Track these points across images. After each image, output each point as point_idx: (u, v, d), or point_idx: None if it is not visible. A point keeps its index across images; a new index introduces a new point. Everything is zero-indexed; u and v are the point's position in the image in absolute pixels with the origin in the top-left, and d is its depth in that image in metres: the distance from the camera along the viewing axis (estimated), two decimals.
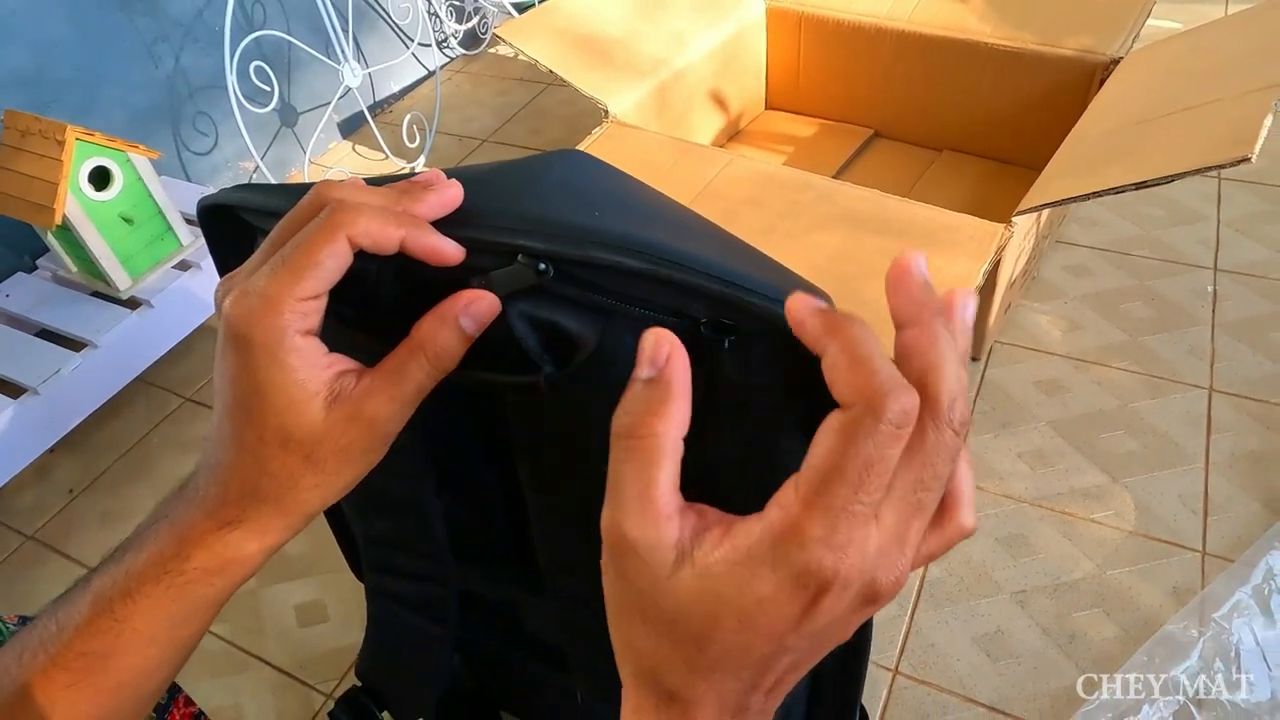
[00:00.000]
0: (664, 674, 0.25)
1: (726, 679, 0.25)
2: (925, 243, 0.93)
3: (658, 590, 0.24)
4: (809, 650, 0.25)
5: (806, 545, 0.22)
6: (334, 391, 0.29)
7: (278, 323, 0.27)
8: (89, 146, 1.06)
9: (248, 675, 0.94)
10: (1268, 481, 0.98)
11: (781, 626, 0.23)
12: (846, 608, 0.24)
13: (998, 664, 0.87)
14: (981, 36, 1.28)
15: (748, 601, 0.23)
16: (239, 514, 0.30)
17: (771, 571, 0.23)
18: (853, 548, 0.22)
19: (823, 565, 0.22)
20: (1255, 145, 0.78)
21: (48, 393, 1.07)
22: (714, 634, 0.24)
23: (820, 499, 0.22)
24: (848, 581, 0.23)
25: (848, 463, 0.22)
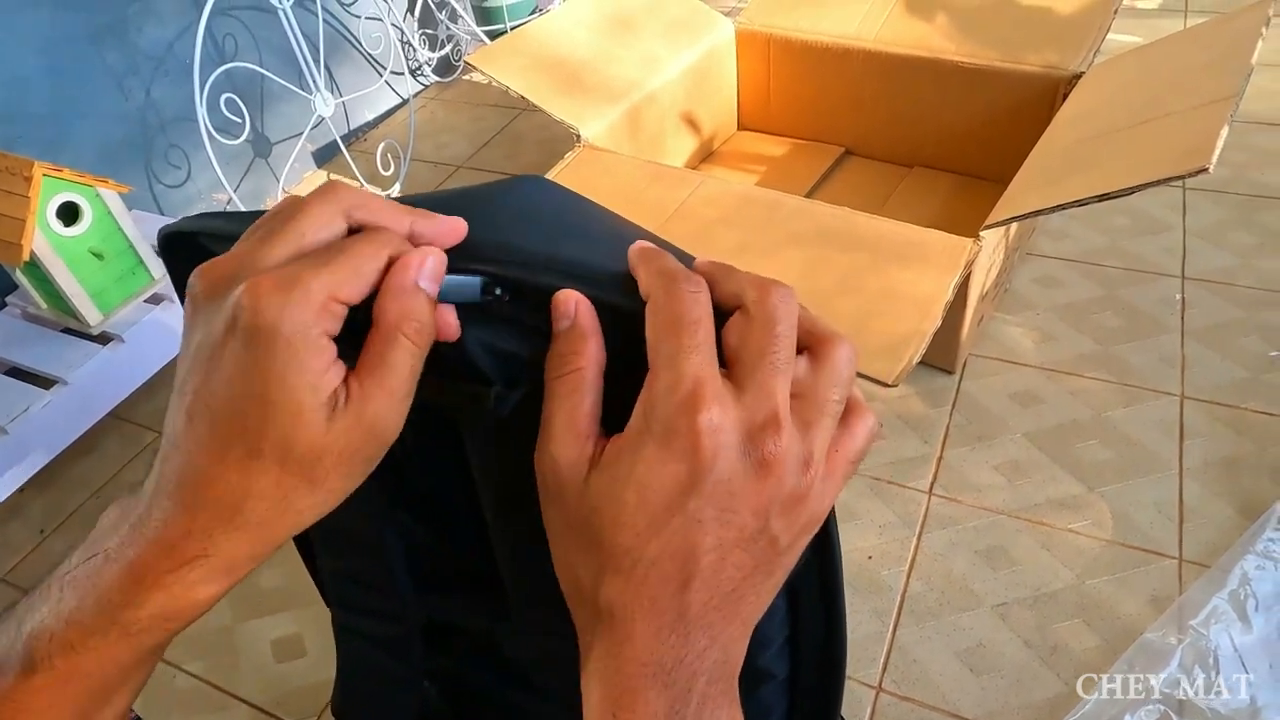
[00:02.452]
0: (595, 586, 0.26)
1: (652, 577, 0.25)
2: (896, 258, 0.94)
3: (579, 499, 0.26)
4: (735, 541, 0.25)
5: (658, 397, 0.25)
6: (336, 400, 0.26)
7: (311, 319, 0.24)
8: (57, 182, 1.05)
9: (224, 715, 0.93)
10: (1241, 486, 0.99)
11: (675, 490, 0.25)
12: (738, 466, 0.25)
13: (981, 678, 0.86)
14: (947, 55, 1.31)
15: (639, 473, 0.25)
16: (204, 548, 0.26)
17: (649, 437, 0.25)
18: (704, 389, 0.25)
19: (681, 410, 0.25)
20: (1212, 156, 0.79)
21: (17, 431, 1.05)
22: (622, 517, 0.25)
23: (657, 357, 0.26)
24: (715, 426, 0.24)
25: (661, 321, 0.26)
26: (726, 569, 0.25)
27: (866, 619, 0.92)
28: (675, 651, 0.25)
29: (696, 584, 0.25)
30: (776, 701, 0.40)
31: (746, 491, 0.25)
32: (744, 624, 0.27)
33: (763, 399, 0.25)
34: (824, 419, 0.26)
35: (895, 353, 0.83)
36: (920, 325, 0.85)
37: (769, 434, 0.25)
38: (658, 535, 0.25)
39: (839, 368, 0.27)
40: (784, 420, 0.25)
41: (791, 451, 0.25)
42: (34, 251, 1.04)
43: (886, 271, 0.92)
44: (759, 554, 0.26)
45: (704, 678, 0.26)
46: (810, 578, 0.35)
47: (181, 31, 1.47)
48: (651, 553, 0.25)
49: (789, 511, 0.26)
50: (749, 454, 0.25)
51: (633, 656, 0.25)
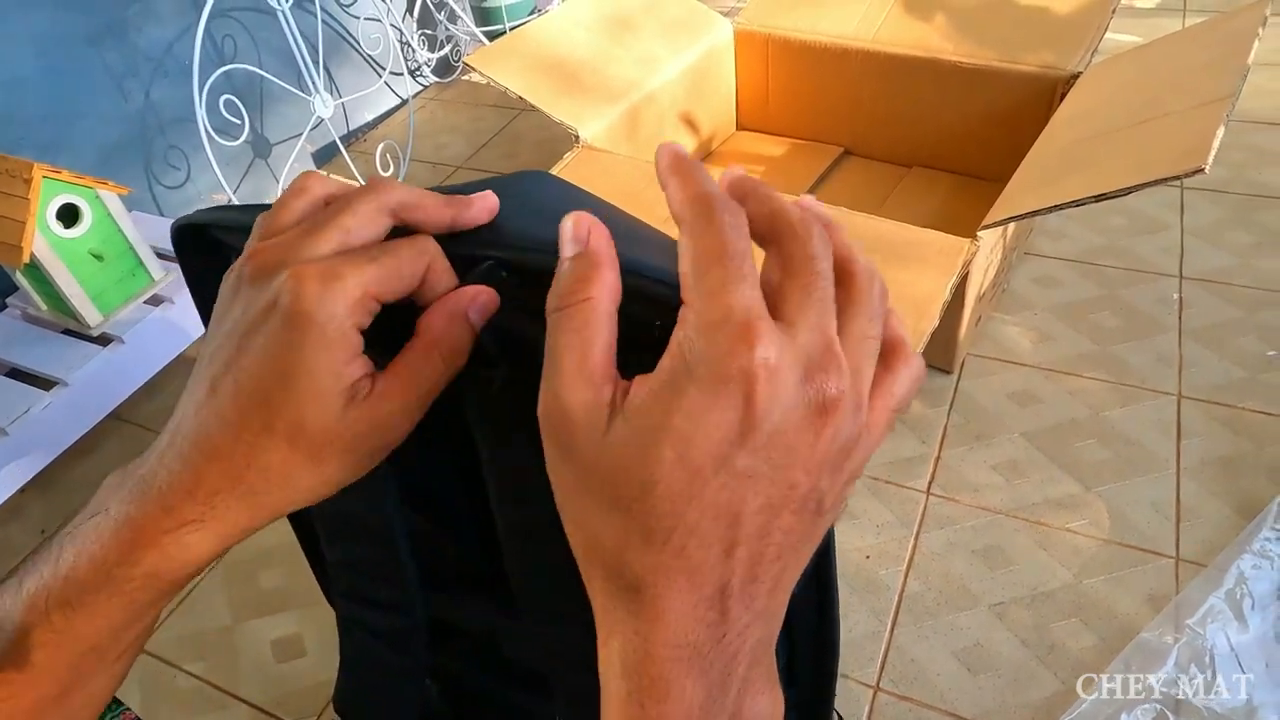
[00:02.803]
0: (620, 556, 0.23)
1: (691, 545, 0.22)
2: (894, 258, 0.94)
3: (598, 453, 0.23)
4: (784, 501, 0.22)
5: (700, 334, 0.22)
6: (355, 392, 0.27)
7: (345, 310, 0.26)
8: (56, 184, 1.06)
9: (224, 714, 0.93)
10: (1237, 486, 0.99)
11: (723, 443, 0.21)
12: (795, 414, 0.22)
13: (978, 677, 0.87)
14: (945, 54, 1.31)
15: (677, 423, 0.21)
16: (204, 512, 0.27)
17: (689, 381, 0.21)
18: (758, 324, 0.21)
19: (732, 348, 0.21)
20: (1209, 156, 0.80)
21: (17, 433, 1.05)
22: (657, 474, 0.22)
23: (697, 290, 0.22)
24: (773, 366, 0.21)
25: (702, 250, 0.22)
26: (773, 534, 0.22)
27: (864, 618, 0.93)
28: (714, 631, 0.22)
29: (741, 551, 0.22)
30: None
31: (803, 443, 0.22)
32: (784, 594, 0.24)
33: (816, 337, 0.22)
34: (867, 358, 0.24)
35: None
36: (918, 325, 0.86)
37: (831, 373, 0.22)
38: (700, 496, 0.22)
39: (874, 300, 0.24)
40: (841, 356, 0.22)
41: (849, 395, 0.22)
42: (34, 253, 1.04)
43: (884, 271, 0.91)
44: (806, 516, 0.23)
45: (745, 660, 0.23)
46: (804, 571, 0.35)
47: (181, 33, 1.47)
48: (692, 517, 0.22)
49: (838, 466, 0.23)
50: (808, 399, 0.22)
51: (664, 638, 0.22)
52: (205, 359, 0.28)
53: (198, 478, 0.27)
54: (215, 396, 0.27)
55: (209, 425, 0.27)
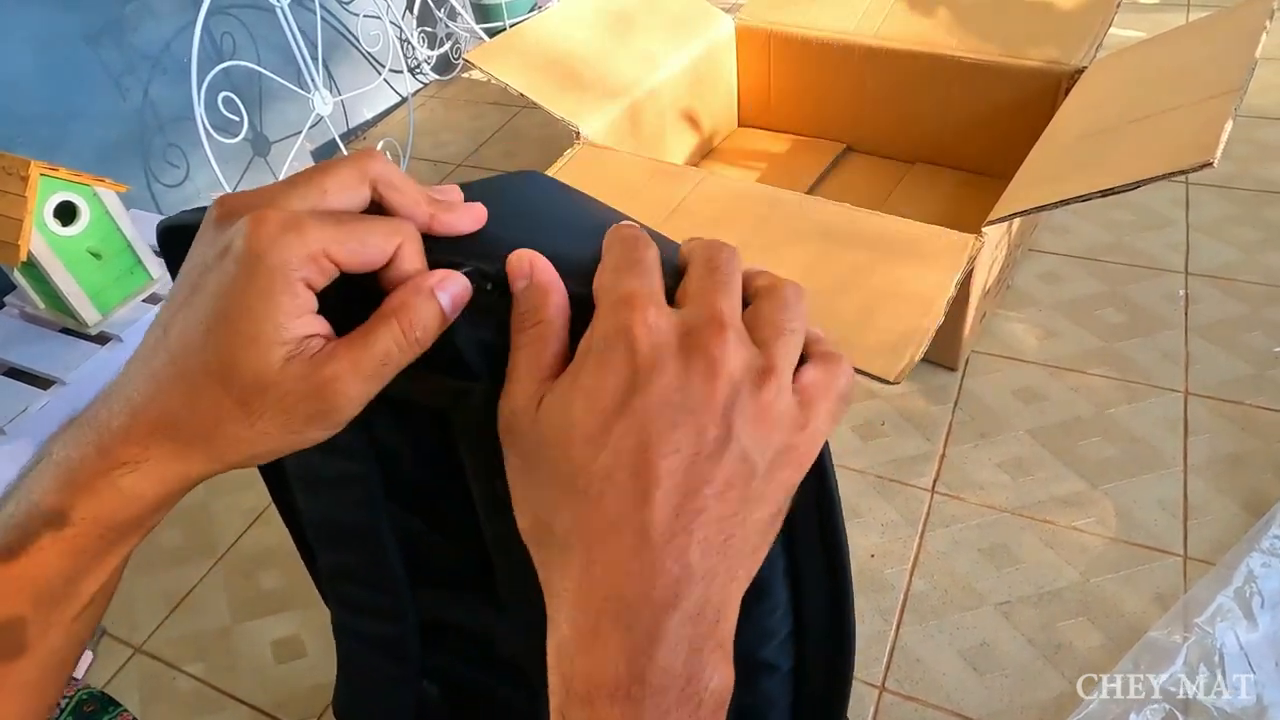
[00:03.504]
0: (553, 521, 0.25)
1: (608, 493, 0.24)
2: (897, 255, 0.94)
3: (531, 430, 0.26)
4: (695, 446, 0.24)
5: (599, 318, 0.26)
6: (300, 349, 0.26)
7: (296, 261, 0.26)
8: (54, 181, 1.05)
9: (223, 716, 0.92)
10: (1245, 483, 0.98)
11: (618, 390, 0.24)
12: (680, 364, 0.24)
13: (984, 677, 0.86)
14: (948, 50, 1.30)
15: (582, 382, 0.25)
16: (139, 453, 0.27)
17: (589, 353, 0.25)
18: (639, 297, 0.25)
19: (617, 317, 0.25)
20: (1216, 150, 0.79)
21: (15, 432, 1.05)
22: (571, 431, 0.25)
23: (600, 290, 0.26)
24: (651, 325, 0.24)
25: (608, 263, 0.27)
26: (691, 479, 0.23)
27: (869, 618, 0.92)
28: (638, 582, 0.23)
29: (658, 496, 0.23)
30: (780, 694, 0.39)
31: (696, 390, 0.24)
32: (730, 560, 0.24)
33: (703, 306, 0.25)
34: (781, 336, 0.26)
35: (897, 350, 0.82)
36: (922, 322, 0.85)
37: (711, 333, 0.24)
38: (607, 438, 0.24)
39: (784, 294, 0.27)
40: (728, 323, 0.25)
41: (739, 354, 0.25)
42: (31, 251, 1.03)
43: (888, 268, 0.92)
44: (730, 468, 0.24)
45: (677, 616, 0.23)
46: (815, 570, 0.34)
47: (179, 30, 1.46)
48: (604, 462, 0.24)
49: (757, 424, 0.24)
50: (690, 352, 0.24)
51: (590, 590, 0.24)
52: (164, 303, 0.28)
53: (135, 417, 0.27)
54: (163, 336, 0.27)
55: (151, 365, 0.27)
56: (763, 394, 0.25)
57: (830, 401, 0.26)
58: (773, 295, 0.27)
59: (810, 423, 0.26)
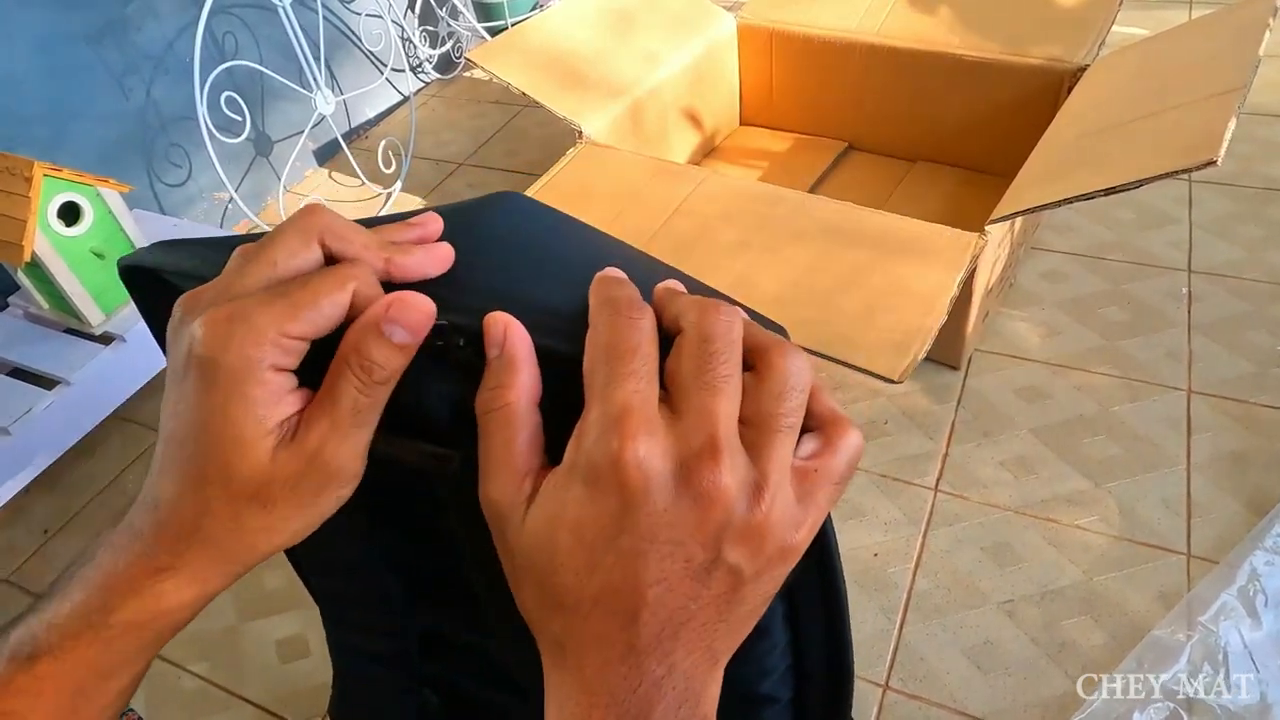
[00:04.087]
0: (548, 624, 0.26)
1: (596, 615, 0.24)
2: (900, 253, 0.94)
3: (518, 539, 0.25)
4: (683, 573, 0.24)
5: (587, 429, 0.24)
6: (285, 431, 0.27)
7: (255, 353, 0.25)
8: (57, 182, 1.05)
9: (228, 715, 0.93)
10: (1249, 481, 0.98)
11: (608, 527, 0.24)
12: (673, 499, 0.23)
13: (988, 675, 0.86)
14: (950, 48, 1.30)
15: (570, 512, 0.24)
16: (174, 560, 0.27)
17: (577, 474, 0.24)
18: (631, 418, 0.23)
19: (607, 443, 0.23)
20: (1220, 148, 0.79)
21: (20, 432, 1.05)
22: (559, 559, 0.24)
23: (590, 388, 0.25)
24: (641, 459, 0.23)
25: (597, 348, 0.25)
26: (677, 599, 0.24)
27: (873, 617, 0.92)
28: (627, 682, 0.24)
29: (645, 615, 0.24)
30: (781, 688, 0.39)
31: (687, 523, 0.24)
32: (710, 654, 0.25)
33: (698, 425, 0.24)
34: (776, 437, 0.25)
35: (900, 349, 0.82)
36: (925, 321, 0.85)
37: (704, 463, 0.23)
38: (595, 573, 0.24)
39: (785, 376, 0.25)
40: (723, 445, 0.24)
41: (734, 480, 0.24)
42: (35, 252, 1.03)
43: (890, 267, 0.92)
44: (718, 585, 0.24)
45: (661, 708, 0.24)
46: (814, 607, 0.34)
47: (181, 30, 1.46)
48: (592, 591, 0.24)
49: (748, 541, 0.24)
50: (685, 486, 0.23)
51: (584, 687, 0.25)
52: (163, 401, 0.29)
53: (160, 528, 0.27)
54: (164, 449, 0.28)
55: (159, 479, 0.28)
56: (755, 513, 0.24)
57: (831, 487, 0.26)
58: (769, 376, 0.25)
59: (808, 518, 0.25)
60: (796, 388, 0.25)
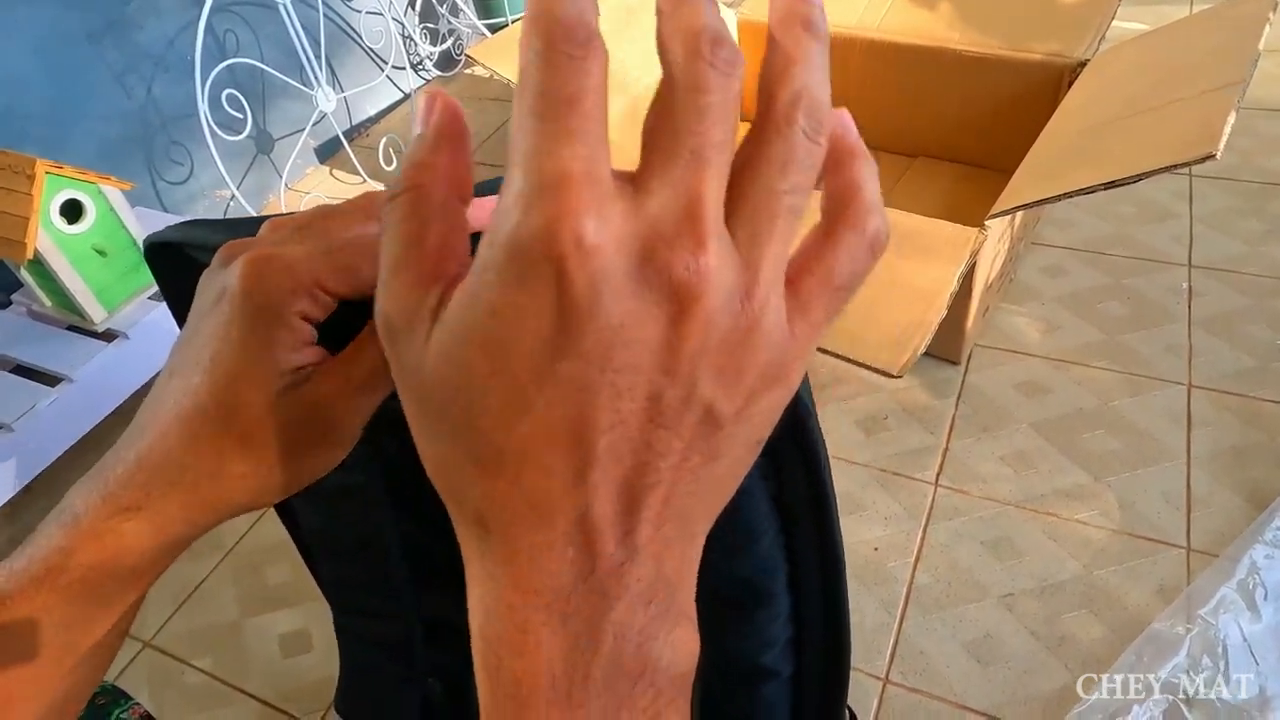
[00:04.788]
0: (465, 490, 0.19)
1: (528, 473, 0.18)
2: (900, 249, 0.94)
3: (420, 367, 0.19)
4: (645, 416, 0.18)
5: (507, 210, 0.17)
6: (296, 379, 0.26)
7: (288, 297, 0.25)
8: (59, 180, 1.05)
9: (232, 709, 0.93)
10: (1249, 475, 0.98)
11: (538, 347, 0.17)
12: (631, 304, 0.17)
13: (988, 669, 0.86)
14: (950, 43, 1.30)
15: (487, 322, 0.17)
16: (141, 497, 0.26)
17: (492, 267, 0.17)
18: (572, 189, 0.16)
19: (536, 223, 0.16)
20: (1220, 142, 0.79)
21: (23, 429, 1.05)
22: (473, 393, 0.18)
23: (514, 153, 0.17)
24: (590, 246, 0.16)
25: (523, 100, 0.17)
26: (639, 452, 0.18)
27: (873, 611, 0.92)
28: (575, 569, 0.18)
29: (596, 475, 0.18)
30: (781, 698, 0.40)
31: (651, 342, 0.17)
32: (684, 527, 0.19)
33: (672, 203, 0.17)
34: (773, 224, 0.18)
35: (900, 344, 0.82)
36: (925, 316, 0.85)
37: (681, 247, 0.17)
38: (525, 413, 0.17)
39: (791, 138, 0.18)
40: (708, 227, 0.17)
41: (722, 275, 0.17)
42: (38, 249, 1.04)
43: (890, 262, 0.92)
44: (689, 432, 0.18)
45: (622, 605, 0.18)
46: (812, 577, 0.34)
47: (182, 28, 1.46)
48: (520, 439, 0.18)
49: (727, 370, 0.18)
50: (648, 283, 0.17)
51: (516, 581, 0.18)
52: (171, 349, 0.28)
53: (137, 463, 0.27)
54: (169, 380, 0.27)
55: (157, 409, 0.27)
56: (740, 323, 0.18)
57: (830, 294, 0.19)
58: (769, 141, 0.18)
59: (799, 334, 0.19)
60: (805, 155, 0.18)
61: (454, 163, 0.20)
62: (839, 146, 0.20)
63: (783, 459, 0.32)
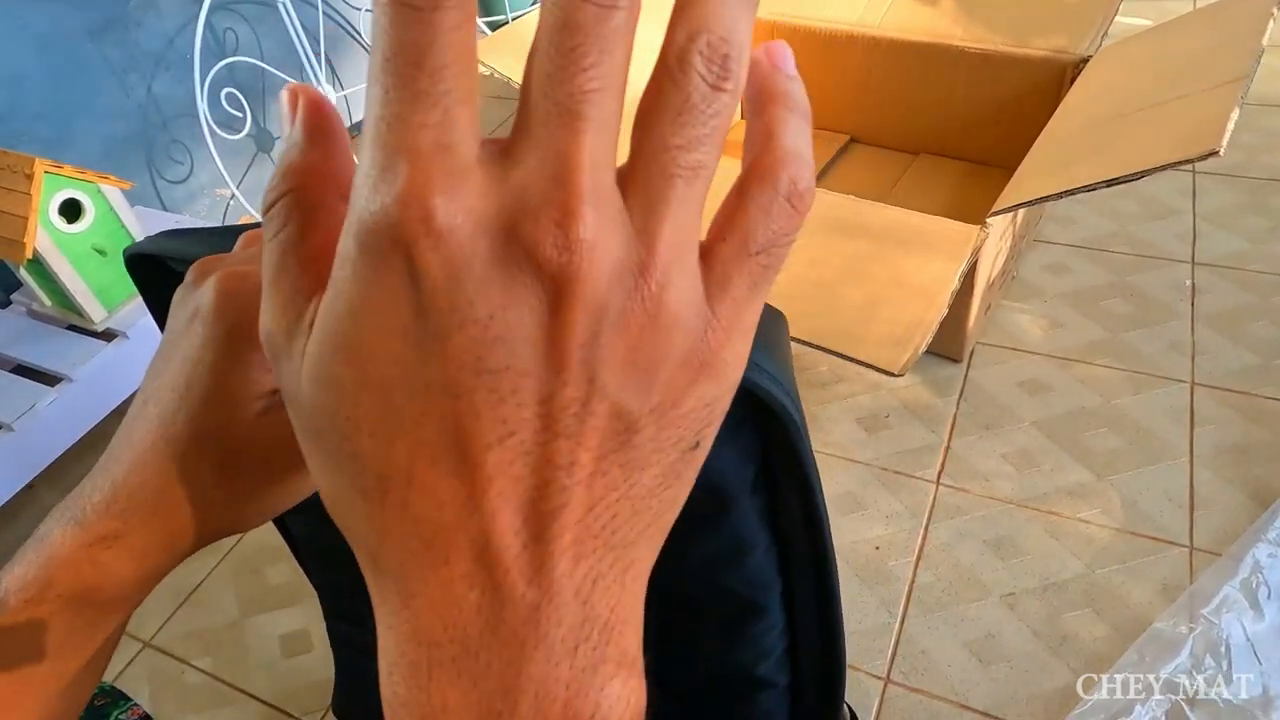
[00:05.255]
0: (354, 523, 0.16)
1: (414, 500, 0.15)
2: (901, 246, 0.93)
3: (296, 387, 0.16)
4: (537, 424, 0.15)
5: (357, 191, 0.15)
6: (274, 400, 0.26)
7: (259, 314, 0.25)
8: (58, 179, 1.05)
9: (232, 709, 0.93)
10: (1252, 473, 0.98)
11: (400, 349, 0.15)
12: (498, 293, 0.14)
13: (989, 668, 0.86)
14: (953, 40, 1.29)
15: (345, 326, 0.15)
16: (118, 526, 0.26)
17: (346, 260, 0.15)
18: (422, 162, 0.14)
19: (380, 195, 0.14)
20: (1223, 139, 0.78)
21: (24, 429, 1.05)
22: (344, 405, 0.15)
23: (367, 116, 0.15)
24: (445, 228, 0.14)
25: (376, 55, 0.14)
26: (538, 467, 0.15)
27: (874, 610, 0.92)
28: (477, 619, 0.15)
29: (492, 501, 0.15)
30: (778, 707, 0.39)
31: (528, 333, 0.14)
32: (615, 553, 0.16)
33: (540, 163, 0.14)
34: (668, 186, 0.15)
35: (901, 342, 0.82)
36: (926, 314, 0.85)
37: (547, 219, 0.14)
38: (400, 432, 0.15)
39: (689, 81, 0.15)
40: (581, 193, 0.14)
41: (604, 249, 0.14)
42: (37, 249, 1.04)
43: (892, 260, 0.92)
44: (597, 440, 0.15)
45: (542, 654, 0.15)
46: (807, 590, 0.34)
47: (181, 26, 1.46)
48: (399, 461, 0.15)
49: (632, 361, 0.15)
50: (515, 265, 0.14)
51: (413, 630, 0.16)
52: (146, 372, 0.28)
53: (115, 488, 0.26)
54: (143, 408, 0.27)
55: (131, 438, 0.26)
56: (638, 305, 0.15)
57: (749, 260, 0.16)
58: (666, 89, 0.15)
59: (722, 314, 0.16)
60: (704, 103, 0.15)
61: (328, 159, 0.18)
62: (760, 88, 0.17)
63: (776, 482, 0.31)
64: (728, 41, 0.15)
